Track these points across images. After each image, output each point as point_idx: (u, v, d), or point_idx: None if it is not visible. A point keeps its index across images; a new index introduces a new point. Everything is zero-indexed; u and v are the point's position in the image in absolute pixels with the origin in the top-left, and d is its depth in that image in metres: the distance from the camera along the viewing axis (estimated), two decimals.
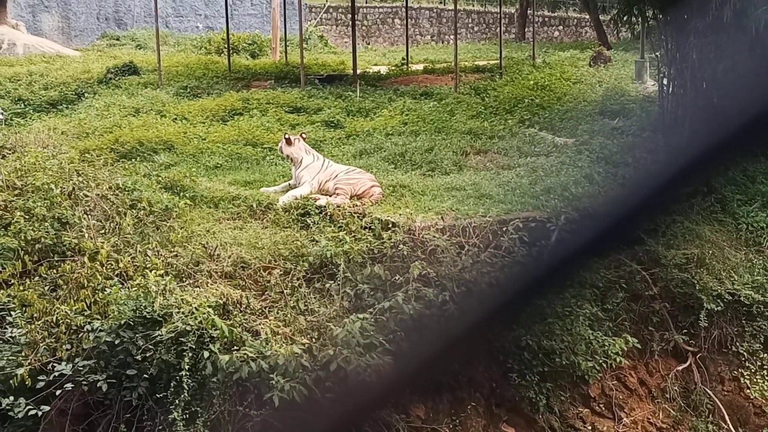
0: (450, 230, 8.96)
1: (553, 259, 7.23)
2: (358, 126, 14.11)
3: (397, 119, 14.40)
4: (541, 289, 7.49)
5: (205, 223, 9.42)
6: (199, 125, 14.21)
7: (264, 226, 9.44)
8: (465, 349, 5.61)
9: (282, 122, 14.48)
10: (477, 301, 7.10)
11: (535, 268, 7.73)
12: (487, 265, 8.45)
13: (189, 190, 10.13)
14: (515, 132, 13.33)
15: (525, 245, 8.60)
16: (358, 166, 11.21)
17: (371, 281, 8.30)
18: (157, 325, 7.41)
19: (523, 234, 8.66)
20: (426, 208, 9.62)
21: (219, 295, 7.84)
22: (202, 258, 8.53)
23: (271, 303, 8.20)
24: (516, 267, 8.36)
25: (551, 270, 6.91)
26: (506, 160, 11.82)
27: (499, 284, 7.75)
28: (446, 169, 11.44)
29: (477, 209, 9.41)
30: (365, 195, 9.96)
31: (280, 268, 8.56)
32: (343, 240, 8.72)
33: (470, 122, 14.01)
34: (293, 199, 9.75)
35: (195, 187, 10.23)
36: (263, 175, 11.29)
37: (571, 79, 17.67)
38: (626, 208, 2.93)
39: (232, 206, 9.86)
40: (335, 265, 8.44)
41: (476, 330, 3.20)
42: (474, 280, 8.28)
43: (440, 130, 13.46)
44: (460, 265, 8.46)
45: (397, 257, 8.56)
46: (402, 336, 7.63)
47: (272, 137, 13.15)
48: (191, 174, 10.51)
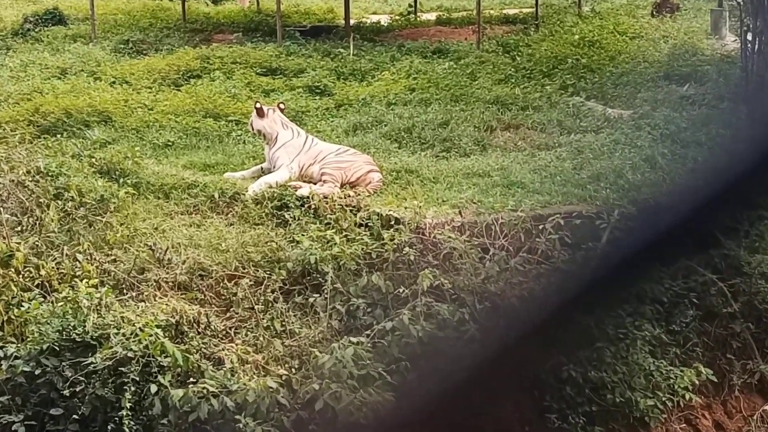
0: (470, 228, 8.95)
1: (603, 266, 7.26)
2: (351, 93, 14.06)
3: (402, 84, 14.34)
4: (588, 304, 7.46)
5: (153, 218, 9.40)
6: (145, 91, 14.15)
7: (229, 222, 9.44)
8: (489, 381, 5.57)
9: (252, 87, 14.44)
10: (505, 321, 7.54)
11: (581, 278, 7.78)
12: (518, 274, 8.47)
13: (131, 176, 10.10)
14: (555, 101, 13.31)
15: (567, 248, 8.62)
16: (352, 145, 11.18)
17: (368, 294, 8.28)
18: (89, 351, 7.36)
19: (564, 234, 8.65)
20: (439, 199, 9.62)
21: (170, 312, 7.84)
22: (148, 264, 8.50)
23: (239, 322, 8.19)
24: (556, 276, 8.43)
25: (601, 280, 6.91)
26: (543, 138, 11.81)
27: (534, 298, 8.05)
28: (465, 149, 11.48)
29: (505, 201, 9.40)
30: (360, 182, 9.98)
31: (249, 276, 8.53)
32: (332, 241, 8.68)
33: (497, 88, 13.99)
34: (267, 188, 9.76)
35: (139, 171, 10.20)
36: (228, 156, 11.26)
37: (627, 33, 17.65)
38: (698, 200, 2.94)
39: (188, 197, 9.86)
40: (321, 273, 8.42)
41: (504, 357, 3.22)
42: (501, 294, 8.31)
43: (458, 99, 13.43)
44: (484, 273, 8.46)
45: (401, 263, 8.55)
46: (408, 366, 7.61)
47: (240, 107, 13.09)
48: (134, 155, 10.48)
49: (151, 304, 7.96)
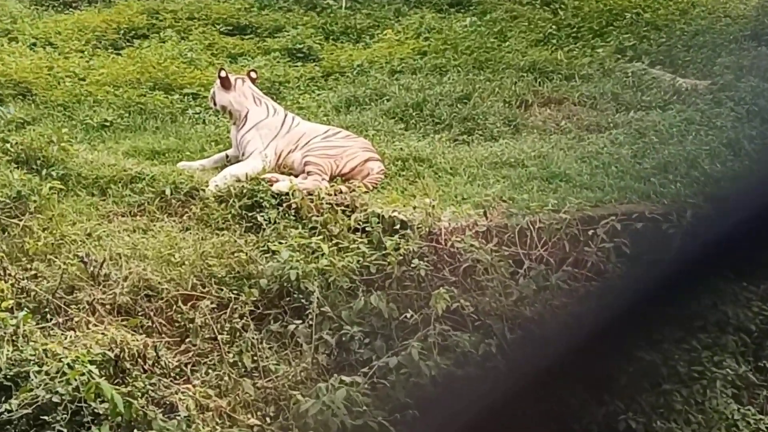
0: (499, 234, 8.96)
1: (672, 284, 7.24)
2: (343, 57, 14.07)
3: (410, 47, 14.35)
4: (653, 334, 7.40)
5: (85, 221, 9.40)
6: (75, 56, 14.14)
7: (184, 226, 9.48)
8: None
9: (215, 51, 14.45)
10: (544, 356, 7.26)
11: (643, 300, 7.76)
12: (560, 294, 8.46)
13: (57, 166, 10.12)
14: (609, 68, 13.32)
15: (625, 260, 8.59)
16: (344, 125, 11.20)
17: (365, 321, 8.29)
18: (2, 394, 7.35)
19: (621, 241, 8.64)
20: (458, 196, 9.66)
21: (108, 344, 7.81)
22: (79, 281, 8.51)
23: (197, 357, 8.20)
24: (610, 298, 8.17)
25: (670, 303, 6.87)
26: (594, 116, 11.83)
27: (582, 326, 7.72)
28: (492, 130, 11.52)
29: (544, 199, 9.39)
30: (355, 174, 10.04)
31: (211, 297, 8.55)
32: (319, 251, 8.71)
33: (533, 52, 13.99)
34: (233, 181, 9.81)
35: (67, 160, 10.22)
36: (183, 140, 11.29)
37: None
38: None
39: (131, 193, 9.87)
40: (305, 293, 8.43)
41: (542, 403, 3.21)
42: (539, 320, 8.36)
43: (483, 66, 13.44)
44: (516, 293, 8.47)
45: (409, 280, 8.57)
46: (416, 414, 7.59)
47: (198, 77, 13.09)
48: (61, 138, 10.47)
49: (83, 333, 7.95)
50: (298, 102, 12.45)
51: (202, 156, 10.72)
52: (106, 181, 10.05)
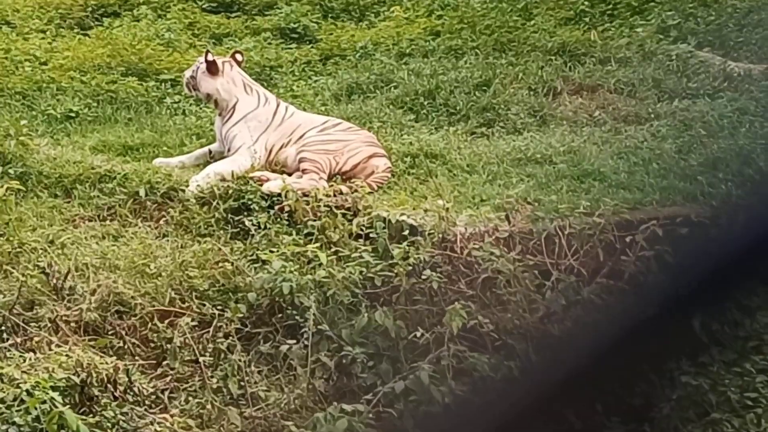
0: (523, 241, 8.95)
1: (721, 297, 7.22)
2: (344, 38, 14.10)
3: (422, 25, 14.35)
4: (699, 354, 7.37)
5: (47, 226, 9.41)
6: (35, 36, 14.13)
7: (161, 232, 9.51)
8: None
9: (197, 30, 14.47)
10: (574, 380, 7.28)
11: (688, 316, 7.73)
12: (593, 310, 8.49)
13: (15, 164, 10.17)
14: (650, 50, 13.26)
15: (668, 270, 8.56)
16: (345, 116, 11.22)
17: (369, 340, 8.30)
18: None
19: (664, 249, 8.61)
20: (476, 198, 9.68)
21: (73, 367, 7.81)
22: (40, 294, 8.54)
23: (175, 382, 8.20)
24: (649, 313, 8.06)
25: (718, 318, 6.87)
26: (632, 106, 11.80)
27: (618, 347, 7.66)
28: (516, 122, 11.53)
29: (575, 201, 9.40)
30: (358, 172, 10.09)
31: (192, 314, 8.56)
32: (316, 260, 8.73)
33: (562, 31, 13.95)
34: (218, 181, 9.85)
35: (27, 156, 10.25)
36: (160, 133, 11.32)
37: None
38: None
39: (99, 194, 9.91)
40: (299, 308, 8.44)
41: None
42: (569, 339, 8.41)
43: (504, 47, 13.43)
44: (542, 309, 8.50)
45: (419, 294, 8.58)
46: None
47: (178, 60, 13.10)
48: (20, 132, 10.51)
49: (44, 355, 7.95)
50: (293, 89, 12.45)
51: (182, 152, 10.72)
52: (71, 181, 10.07)
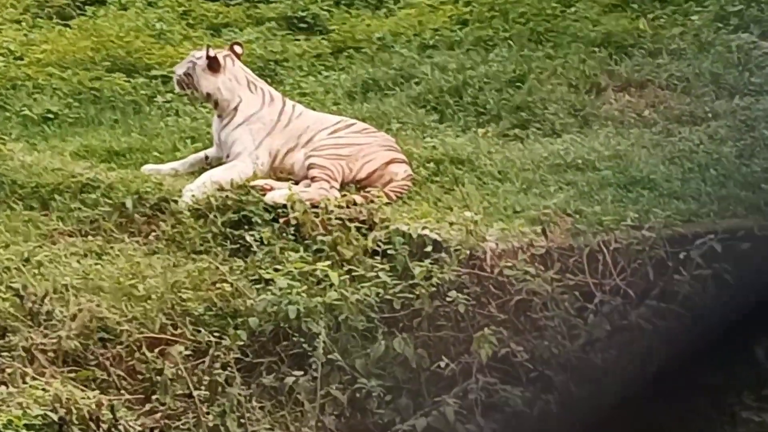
0: (562, 259, 8.92)
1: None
2: (359, 28, 14.10)
3: (447, 13, 14.34)
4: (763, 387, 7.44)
5: (22, 242, 9.47)
6: (9, 27, 14.24)
7: (151, 249, 9.57)
8: None
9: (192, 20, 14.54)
10: (619, 415, 7.64)
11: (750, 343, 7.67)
12: (643, 336, 8.46)
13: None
14: (707, 41, 13.15)
15: (727, 291, 8.53)
16: (360, 116, 11.25)
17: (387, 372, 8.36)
18: None
19: (723, 267, 8.59)
20: (509, 208, 9.71)
21: (51, 402, 7.86)
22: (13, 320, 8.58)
23: (167, 419, 8.24)
24: (706, 339, 8.33)
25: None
26: (687, 104, 11.67)
27: (670, 377, 8.07)
28: (554, 123, 11.54)
29: (622, 212, 9.39)
30: (374, 180, 10.19)
31: (185, 341, 8.62)
32: (326, 280, 8.76)
33: (607, 20, 13.89)
34: (215, 190, 9.90)
35: None
36: (149, 137, 11.41)
37: None
38: None
39: (81, 206, 9.93)
40: (307, 335, 8.45)
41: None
42: (613, 368, 8.35)
43: (541, 38, 13.47)
44: (584, 335, 8.49)
45: (444, 318, 8.57)
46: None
47: (170, 54, 13.16)
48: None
49: (17, 389, 8.01)
50: (300, 86, 12.45)
51: (175, 157, 10.79)
52: (49, 191, 10.14)
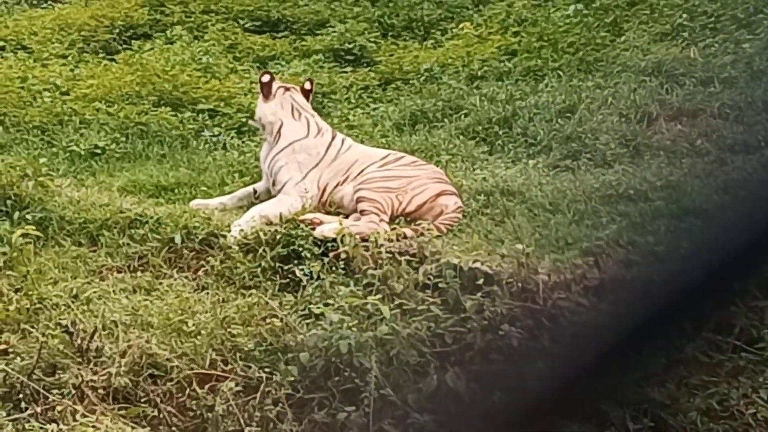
0: (616, 292, 8.76)
1: None
2: (406, 60, 14.19)
3: (495, 43, 14.44)
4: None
5: (70, 279, 9.48)
6: (56, 63, 14.28)
7: (200, 284, 9.61)
8: None
9: (238, 53, 14.66)
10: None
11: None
12: (698, 369, 8.40)
13: (34, 207, 10.23)
14: (758, 69, 13.10)
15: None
16: (408, 149, 11.28)
17: (439, 407, 8.25)
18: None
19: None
20: (560, 240, 9.71)
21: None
22: (62, 357, 8.56)
23: None
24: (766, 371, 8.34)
25: None
26: (740, 133, 11.66)
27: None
28: (605, 153, 11.59)
29: (677, 244, 9.19)
30: (424, 213, 10.17)
31: (236, 377, 8.56)
32: (377, 314, 8.74)
33: (657, 48, 13.95)
34: (263, 224, 9.94)
35: (47, 199, 10.33)
36: (197, 171, 11.46)
37: None
38: None
39: (129, 242, 10.00)
40: (358, 370, 8.41)
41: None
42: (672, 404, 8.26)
43: (591, 68, 13.52)
44: (638, 368, 8.33)
45: (496, 352, 8.57)
46: None
47: (216, 88, 13.23)
48: (38, 171, 10.58)
49: (68, 427, 7.95)
50: (348, 119, 12.57)
51: (223, 192, 10.88)
52: (97, 227, 10.16)
